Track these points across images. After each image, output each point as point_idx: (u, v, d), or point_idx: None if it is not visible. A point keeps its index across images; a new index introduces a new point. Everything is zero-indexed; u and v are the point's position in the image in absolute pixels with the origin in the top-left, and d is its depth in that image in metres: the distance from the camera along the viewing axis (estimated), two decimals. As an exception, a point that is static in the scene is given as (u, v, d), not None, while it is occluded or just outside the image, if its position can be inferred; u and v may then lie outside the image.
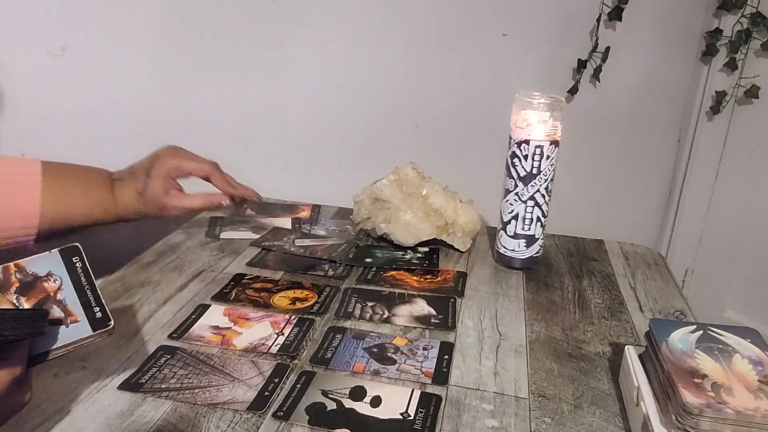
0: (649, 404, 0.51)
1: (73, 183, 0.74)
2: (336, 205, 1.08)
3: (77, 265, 0.52)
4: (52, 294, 0.50)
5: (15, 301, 0.49)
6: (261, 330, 0.68)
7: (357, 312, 0.73)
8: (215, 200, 0.82)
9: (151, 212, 0.77)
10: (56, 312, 0.50)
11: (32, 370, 0.48)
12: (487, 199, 0.95)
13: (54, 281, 0.51)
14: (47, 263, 0.51)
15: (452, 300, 0.76)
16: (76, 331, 0.50)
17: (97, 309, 0.51)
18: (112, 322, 0.51)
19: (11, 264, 0.50)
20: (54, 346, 0.49)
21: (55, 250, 0.52)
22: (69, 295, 0.51)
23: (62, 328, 0.49)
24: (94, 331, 0.50)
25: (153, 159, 0.78)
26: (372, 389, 0.58)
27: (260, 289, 0.77)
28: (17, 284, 0.50)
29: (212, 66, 1.16)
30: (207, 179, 0.81)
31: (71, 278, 0.51)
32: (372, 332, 0.68)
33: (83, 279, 0.52)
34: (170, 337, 0.66)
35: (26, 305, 0.49)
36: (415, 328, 0.70)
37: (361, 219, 0.92)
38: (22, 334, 0.45)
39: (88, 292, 0.51)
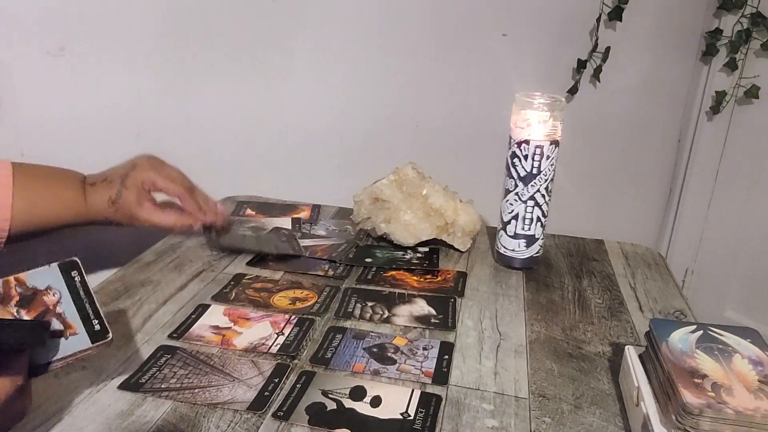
0: (649, 404, 0.51)
1: (45, 185, 0.73)
2: (336, 205, 1.08)
3: (76, 279, 0.53)
4: (51, 307, 0.51)
5: (15, 314, 0.50)
6: (261, 330, 0.68)
7: (357, 312, 0.73)
8: (186, 223, 0.79)
9: (122, 221, 0.76)
10: (56, 324, 0.51)
11: (32, 381, 0.49)
12: (487, 199, 0.95)
13: (53, 295, 0.52)
14: (46, 277, 0.53)
15: (452, 300, 0.76)
16: (75, 343, 0.51)
17: (96, 322, 0.52)
18: (111, 334, 0.52)
19: (11, 278, 0.51)
20: (54, 358, 0.50)
21: (54, 265, 0.53)
22: (68, 308, 0.52)
23: (62, 340, 0.50)
24: (92, 343, 0.51)
25: (129, 168, 0.76)
26: (372, 389, 0.58)
27: (260, 289, 0.77)
28: (17, 298, 0.51)
29: (212, 66, 1.16)
30: (179, 199, 0.79)
31: (70, 292, 0.53)
32: (372, 332, 0.68)
33: (82, 293, 0.53)
34: (170, 336, 0.66)
35: (27, 318, 0.50)
36: (415, 328, 0.70)
37: (361, 219, 0.92)
38: (24, 343, 0.45)
39: (87, 306, 0.52)
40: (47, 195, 0.72)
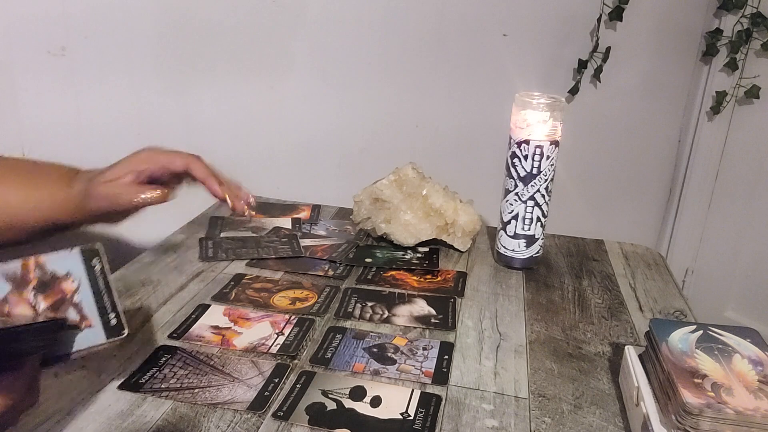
0: (649, 404, 0.51)
1: (24, 181, 0.67)
2: (336, 205, 1.08)
3: (96, 267, 0.50)
4: (69, 296, 0.49)
5: (32, 299, 0.48)
6: (261, 330, 0.68)
7: (357, 312, 0.73)
8: (166, 195, 0.65)
9: (99, 201, 0.65)
10: (71, 315, 0.48)
11: (41, 373, 0.48)
12: (487, 199, 0.95)
13: (72, 282, 0.49)
14: (66, 263, 0.49)
15: (452, 300, 0.76)
16: (89, 336, 0.48)
17: (113, 315, 0.49)
18: (126, 330, 0.49)
19: (32, 258, 0.49)
20: (65, 352, 0.48)
21: (76, 249, 0.50)
22: (86, 298, 0.49)
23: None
24: (107, 339, 0.48)
25: (129, 154, 0.68)
26: (372, 389, 0.58)
27: (260, 289, 0.77)
28: (35, 281, 0.48)
29: (212, 66, 1.16)
30: (188, 172, 0.69)
31: (90, 281, 0.49)
32: (372, 332, 0.68)
33: (101, 283, 0.50)
34: (170, 336, 0.66)
35: (43, 304, 0.48)
36: (415, 328, 0.70)
37: (361, 219, 0.92)
38: (37, 348, 0.44)
39: (105, 297, 0.49)
40: (26, 189, 0.66)
